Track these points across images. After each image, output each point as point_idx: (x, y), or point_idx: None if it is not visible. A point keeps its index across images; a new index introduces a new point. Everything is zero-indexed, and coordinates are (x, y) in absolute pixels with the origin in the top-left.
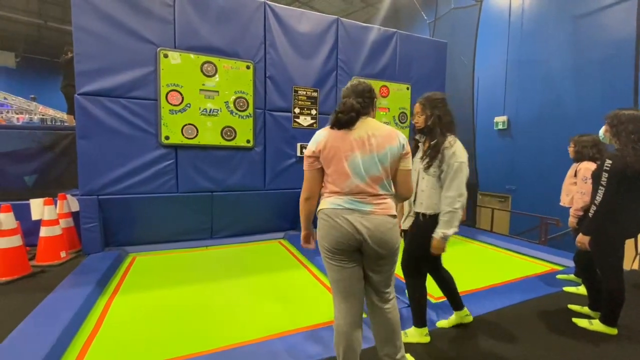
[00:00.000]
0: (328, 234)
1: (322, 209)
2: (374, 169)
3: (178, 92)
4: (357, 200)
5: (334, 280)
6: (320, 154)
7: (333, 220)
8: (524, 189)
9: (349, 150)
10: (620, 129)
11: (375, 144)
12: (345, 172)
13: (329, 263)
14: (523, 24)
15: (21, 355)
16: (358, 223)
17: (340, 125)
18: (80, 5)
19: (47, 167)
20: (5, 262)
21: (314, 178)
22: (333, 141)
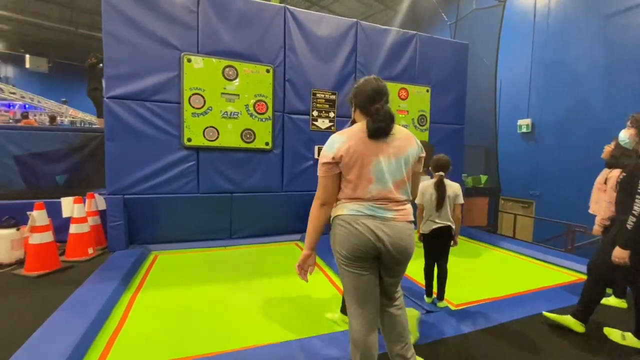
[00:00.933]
0: (346, 241)
1: (339, 215)
2: (398, 173)
3: (200, 96)
4: (378, 206)
5: (351, 288)
6: (341, 160)
7: (352, 226)
8: (549, 195)
9: (373, 155)
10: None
11: (397, 148)
12: (368, 178)
13: (346, 270)
14: (549, 24)
15: (52, 345)
16: (379, 230)
17: (382, 136)
18: (110, 13)
19: (77, 167)
20: (37, 256)
21: (332, 184)
22: (355, 146)
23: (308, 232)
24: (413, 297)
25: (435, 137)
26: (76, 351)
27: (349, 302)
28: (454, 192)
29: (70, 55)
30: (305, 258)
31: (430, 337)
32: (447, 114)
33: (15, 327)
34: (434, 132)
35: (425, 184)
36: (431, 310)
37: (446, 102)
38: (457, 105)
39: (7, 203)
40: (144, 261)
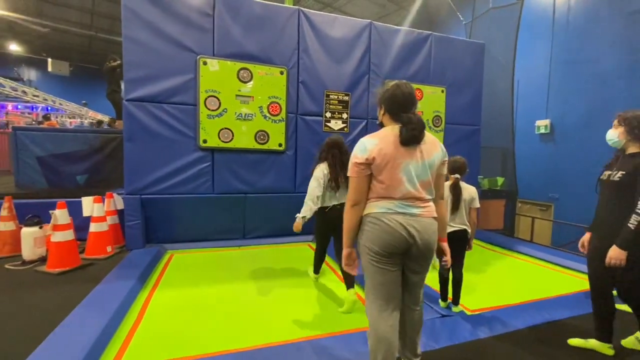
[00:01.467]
0: (379, 237)
1: (370, 213)
2: (424, 175)
3: (216, 98)
4: (407, 204)
5: (378, 284)
6: (373, 162)
7: (385, 223)
8: (568, 198)
9: (402, 158)
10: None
11: (425, 152)
12: (398, 179)
13: (375, 266)
14: (569, 22)
15: (73, 341)
16: (409, 226)
17: (414, 143)
18: (129, 17)
19: (97, 168)
20: (59, 254)
21: (363, 185)
22: (386, 149)
23: (345, 232)
24: (428, 301)
25: (450, 138)
26: (96, 347)
27: (373, 300)
28: (469, 195)
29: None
30: (348, 255)
31: (445, 342)
32: (463, 115)
33: (38, 322)
34: (449, 133)
35: None
36: (446, 314)
37: (462, 103)
38: (473, 106)
39: (31, 202)
40: (160, 260)
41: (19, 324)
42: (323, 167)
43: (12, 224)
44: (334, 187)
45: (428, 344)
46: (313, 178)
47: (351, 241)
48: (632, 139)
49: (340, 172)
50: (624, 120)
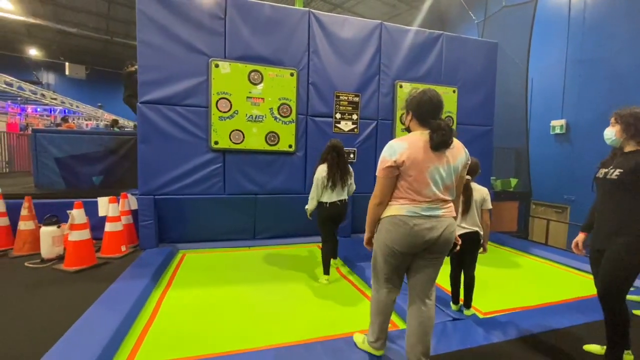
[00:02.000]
0: (403, 240)
1: (396, 215)
2: (449, 179)
3: (227, 100)
4: (432, 207)
5: (387, 271)
6: (402, 165)
7: (410, 227)
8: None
9: (430, 162)
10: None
11: (451, 157)
12: (425, 182)
13: (389, 261)
14: (585, 20)
15: (88, 338)
16: (434, 228)
17: (444, 148)
18: (143, 22)
19: (112, 169)
20: (76, 253)
21: (389, 185)
22: (415, 153)
23: (368, 222)
24: (439, 303)
25: (462, 139)
26: (110, 344)
27: (380, 279)
28: (481, 196)
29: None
30: (369, 239)
31: (457, 346)
32: (475, 115)
33: (55, 319)
34: (461, 133)
35: None
36: (458, 317)
37: (474, 103)
38: (486, 106)
39: (50, 202)
40: (172, 259)
41: (38, 321)
42: (322, 169)
43: (31, 224)
44: (332, 186)
45: (439, 347)
46: (314, 180)
47: (372, 229)
48: (628, 136)
49: (337, 172)
50: (620, 118)
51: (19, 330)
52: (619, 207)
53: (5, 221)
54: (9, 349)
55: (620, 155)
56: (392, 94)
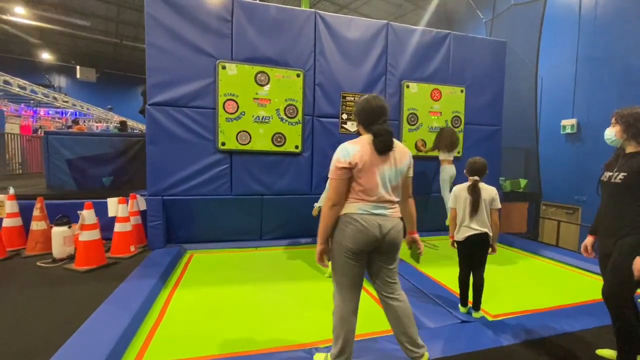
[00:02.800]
0: (354, 237)
1: (347, 213)
2: (395, 180)
3: (234, 101)
4: (380, 206)
5: (346, 274)
6: (355, 166)
7: (361, 224)
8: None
9: (380, 164)
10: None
11: (397, 159)
12: (375, 183)
13: (347, 261)
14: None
15: (98, 337)
16: (382, 226)
17: (387, 152)
18: (152, 25)
19: (121, 170)
20: (86, 253)
21: (343, 187)
22: (367, 156)
23: (321, 230)
24: (447, 306)
25: (470, 139)
26: (119, 344)
27: (340, 287)
28: (490, 196)
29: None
30: (322, 251)
31: (465, 349)
32: (483, 115)
33: (66, 318)
34: (469, 133)
35: (459, 187)
36: (466, 320)
37: (482, 103)
38: (494, 106)
39: (61, 202)
40: (180, 259)
41: (49, 319)
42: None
43: (43, 224)
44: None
45: (447, 350)
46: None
47: (325, 238)
48: (629, 137)
49: None
50: (620, 118)
51: (31, 328)
52: (624, 210)
53: (18, 221)
54: (22, 346)
55: (622, 157)
56: (399, 94)
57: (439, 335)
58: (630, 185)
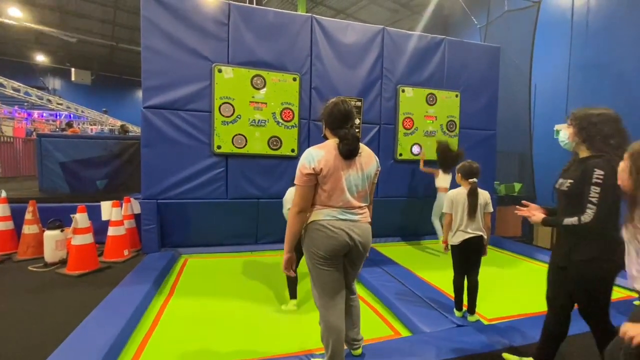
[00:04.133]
0: (324, 243)
1: (315, 220)
2: (362, 186)
3: (230, 105)
4: (347, 211)
5: (324, 283)
6: (320, 172)
7: (330, 230)
8: None
9: (345, 170)
10: (592, 132)
11: (363, 164)
12: (341, 188)
13: (321, 269)
14: (588, 24)
15: (90, 344)
16: (351, 231)
17: (352, 157)
18: (148, 28)
19: (115, 173)
20: (79, 257)
21: (309, 193)
22: (332, 161)
23: (287, 238)
24: (442, 310)
25: (465, 143)
26: (112, 351)
27: (322, 296)
28: (484, 200)
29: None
30: (290, 260)
31: (460, 353)
32: (478, 120)
33: (56, 324)
34: (464, 137)
35: (455, 192)
36: (462, 324)
37: (477, 107)
38: (489, 111)
39: (54, 206)
40: (174, 264)
41: (39, 326)
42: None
43: (35, 227)
44: None
45: (442, 354)
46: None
47: (292, 246)
48: (581, 141)
49: None
50: (574, 120)
51: (21, 334)
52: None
53: (10, 225)
54: (11, 352)
55: (575, 162)
56: (395, 98)
57: (434, 339)
58: (575, 194)
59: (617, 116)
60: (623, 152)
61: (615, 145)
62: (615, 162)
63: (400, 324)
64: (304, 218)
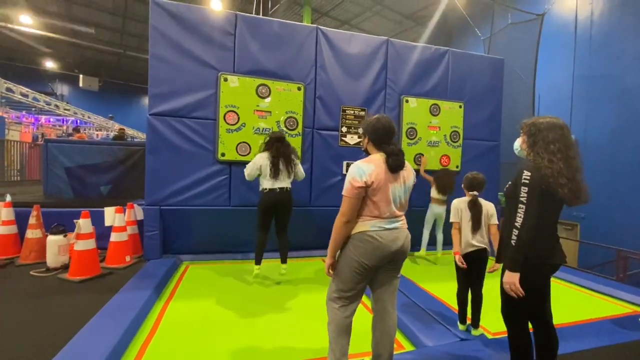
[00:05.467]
0: (372, 253)
1: (363, 231)
2: (404, 197)
3: (235, 113)
4: (392, 220)
5: (353, 288)
6: (371, 185)
7: (378, 241)
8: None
9: (392, 182)
10: (538, 138)
11: (405, 177)
12: (388, 200)
13: (357, 275)
14: (592, 37)
15: (90, 350)
16: (396, 238)
17: (399, 170)
18: (156, 37)
19: (119, 179)
20: (81, 262)
21: (357, 204)
22: (382, 174)
23: (332, 245)
24: (445, 323)
25: (469, 154)
26: (112, 355)
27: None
28: (488, 211)
29: (118, 75)
30: (331, 265)
31: None
32: (482, 130)
33: (57, 330)
34: (468, 148)
35: (459, 201)
36: (466, 338)
37: (481, 118)
38: (493, 121)
39: (57, 211)
40: (175, 271)
41: (39, 332)
42: (264, 155)
43: (39, 232)
44: (273, 174)
45: None
46: (251, 162)
47: (335, 253)
48: (527, 147)
49: (281, 161)
50: (524, 127)
51: (21, 339)
52: (508, 221)
53: (14, 229)
54: (11, 357)
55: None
56: (398, 108)
57: (438, 354)
58: (511, 195)
59: (564, 124)
60: (562, 157)
61: (554, 150)
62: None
63: (404, 336)
64: (350, 228)
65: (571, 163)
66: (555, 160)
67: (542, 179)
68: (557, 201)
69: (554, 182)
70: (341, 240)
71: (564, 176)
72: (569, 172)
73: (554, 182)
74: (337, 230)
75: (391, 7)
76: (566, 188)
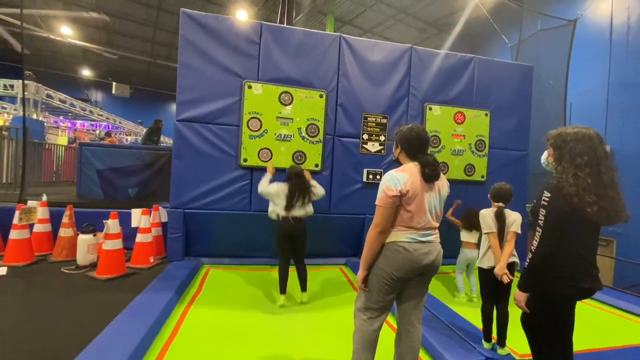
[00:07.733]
0: (402, 265)
1: (396, 241)
2: (439, 207)
3: (258, 119)
4: (426, 233)
5: (380, 300)
6: (406, 194)
7: (410, 252)
8: (634, 232)
9: (427, 192)
10: (565, 150)
11: (439, 186)
12: (423, 210)
13: (385, 287)
14: (629, 42)
15: (114, 347)
16: (429, 252)
17: (434, 180)
18: (185, 46)
19: (146, 182)
20: (108, 261)
21: (391, 214)
22: (417, 184)
23: (365, 257)
24: (471, 340)
25: (495, 164)
26: (135, 355)
27: (370, 308)
28: (513, 220)
29: (148, 83)
30: (364, 278)
31: None
32: (509, 140)
33: (82, 326)
34: (494, 158)
35: (486, 211)
36: (491, 357)
37: (508, 127)
38: (521, 130)
39: (88, 211)
40: (197, 273)
41: (66, 326)
42: (283, 186)
43: (70, 231)
44: (287, 206)
45: None
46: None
47: (369, 265)
48: (554, 160)
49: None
50: (550, 139)
51: (48, 334)
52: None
53: (48, 227)
54: (37, 352)
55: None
56: (421, 116)
57: None
58: (535, 212)
59: (595, 134)
60: (590, 172)
61: (581, 164)
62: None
63: (426, 352)
64: (384, 238)
65: (602, 178)
66: (581, 175)
67: (564, 200)
68: (586, 221)
69: (579, 201)
70: (375, 252)
71: (592, 193)
72: (598, 188)
73: (580, 200)
74: (370, 242)
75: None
76: (595, 206)
